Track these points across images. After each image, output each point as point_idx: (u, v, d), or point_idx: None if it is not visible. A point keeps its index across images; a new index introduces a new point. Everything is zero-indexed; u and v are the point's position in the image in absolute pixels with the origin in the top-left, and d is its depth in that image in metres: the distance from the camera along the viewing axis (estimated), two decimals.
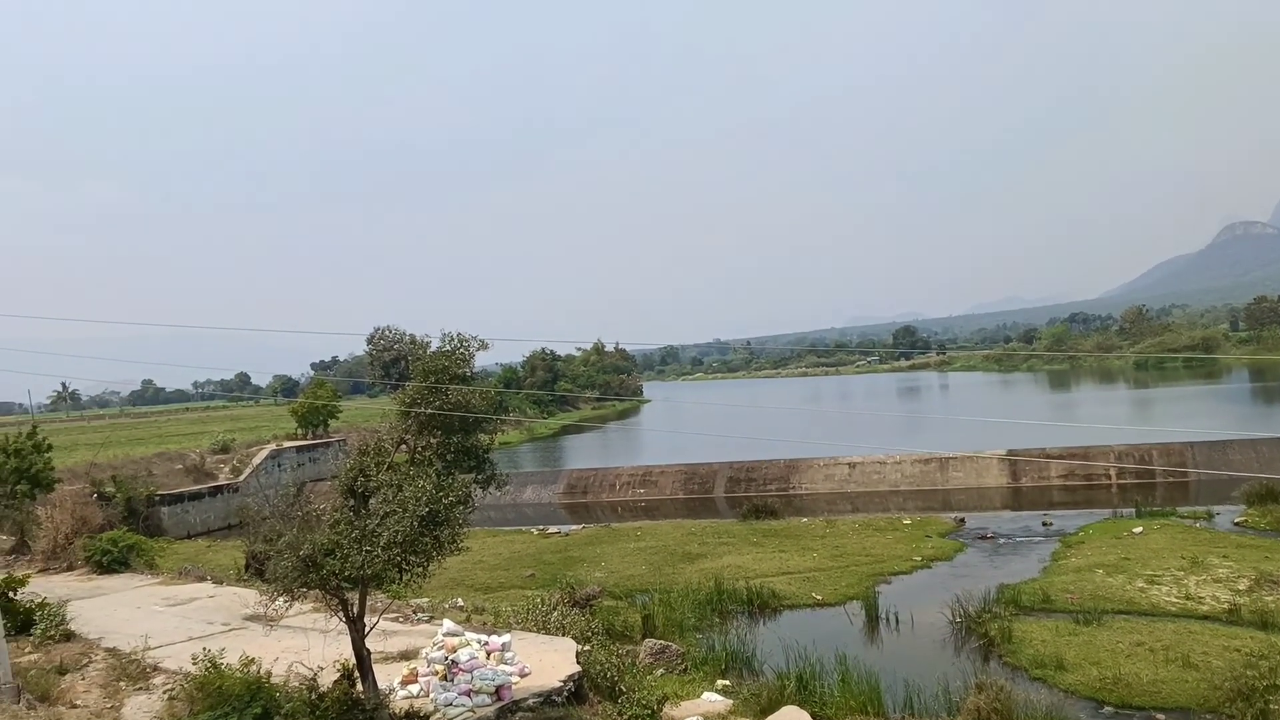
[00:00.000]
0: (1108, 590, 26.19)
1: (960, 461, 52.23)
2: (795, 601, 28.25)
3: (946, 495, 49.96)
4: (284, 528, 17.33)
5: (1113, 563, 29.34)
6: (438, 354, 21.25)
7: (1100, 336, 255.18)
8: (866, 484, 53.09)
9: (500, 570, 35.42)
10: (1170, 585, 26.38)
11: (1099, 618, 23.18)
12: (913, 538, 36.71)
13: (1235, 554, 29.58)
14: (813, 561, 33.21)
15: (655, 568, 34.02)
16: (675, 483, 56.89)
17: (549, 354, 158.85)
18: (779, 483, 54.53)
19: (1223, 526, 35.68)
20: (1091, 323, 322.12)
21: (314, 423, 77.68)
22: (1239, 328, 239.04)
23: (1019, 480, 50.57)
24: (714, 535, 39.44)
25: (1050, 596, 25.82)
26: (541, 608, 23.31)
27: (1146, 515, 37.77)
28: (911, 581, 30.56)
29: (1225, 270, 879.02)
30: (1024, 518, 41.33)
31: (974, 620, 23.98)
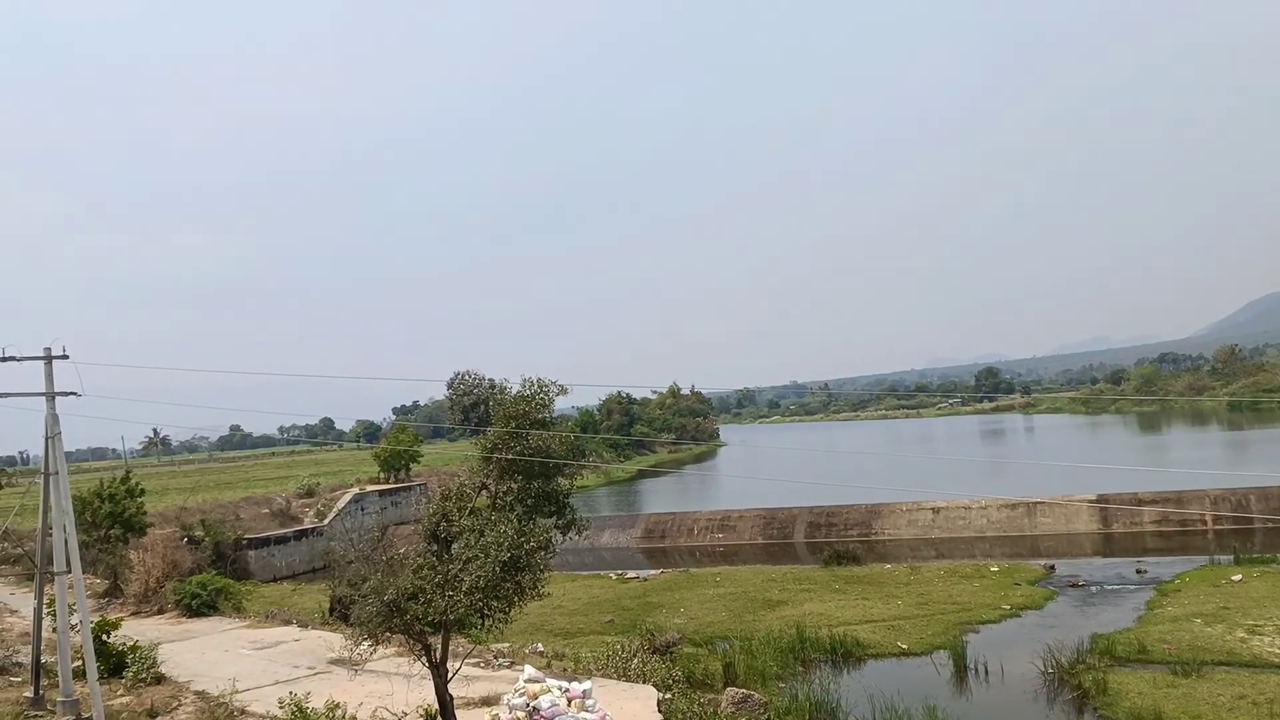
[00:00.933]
0: (1207, 640, 25.21)
1: (1048, 506, 50.92)
2: (880, 650, 27.69)
3: (1035, 541, 48.69)
4: (368, 571, 17.57)
5: (1211, 612, 28.26)
6: (518, 398, 21.51)
7: (1191, 377, 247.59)
8: (951, 530, 52.02)
9: (579, 615, 35.35)
10: (1273, 635, 25.33)
11: (1198, 669, 22.32)
12: (1001, 585, 35.79)
13: None
14: (897, 609, 32.56)
15: (735, 614, 33.65)
16: (754, 527, 56.39)
17: (625, 397, 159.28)
18: (860, 528, 53.72)
19: None
20: (1182, 363, 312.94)
21: (396, 467, 78.74)
22: None
23: (1110, 526, 49.11)
24: (794, 581, 38.92)
25: (1146, 646, 24.93)
26: (621, 654, 23.19)
27: (1246, 562, 36.41)
28: (1000, 631, 29.77)
29: None
30: (1116, 565, 40.08)
31: (1067, 671, 23.24)
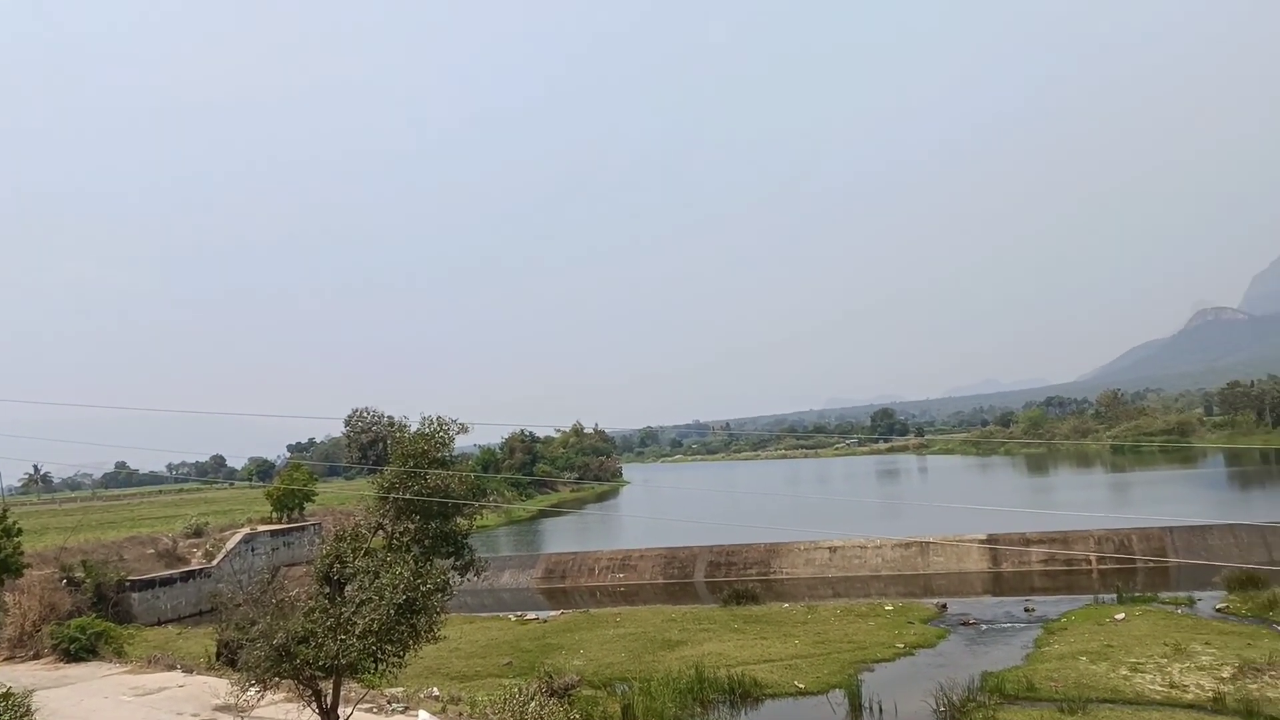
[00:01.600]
0: (1092, 678, 25.94)
1: (941, 546, 52.03)
2: (777, 690, 27.82)
3: (928, 580, 49.65)
4: (257, 614, 17.06)
5: (1096, 649, 29.13)
6: (417, 436, 21.20)
7: (1077, 420, 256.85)
8: (848, 568, 52.73)
9: (477, 658, 34.80)
10: (1154, 673, 26.16)
11: (1084, 706, 22.94)
12: (895, 624, 36.37)
13: (1218, 640, 29.43)
14: (795, 648, 32.81)
15: (635, 655, 33.51)
16: (655, 567, 56.36)
17: (528, 436, 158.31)
18: (760, 567, 54.09)
19: (1205, 613, 35.55)
20: (1068, 406, 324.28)
21: (289, 506, 76.79)
22: (1213, 412, 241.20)
23: (1000, 565, 50.37)
24: (694, 621, 38.95)
25: (1034, 685, 25.55)
26: (519, 697, 22.86)
27: (1128, 601, 37.63)
28: (895, 669, 30.19)
29: (1198, 355, 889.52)
30: (1006, 603, 41.06)
31: (958, 709, 23.65)
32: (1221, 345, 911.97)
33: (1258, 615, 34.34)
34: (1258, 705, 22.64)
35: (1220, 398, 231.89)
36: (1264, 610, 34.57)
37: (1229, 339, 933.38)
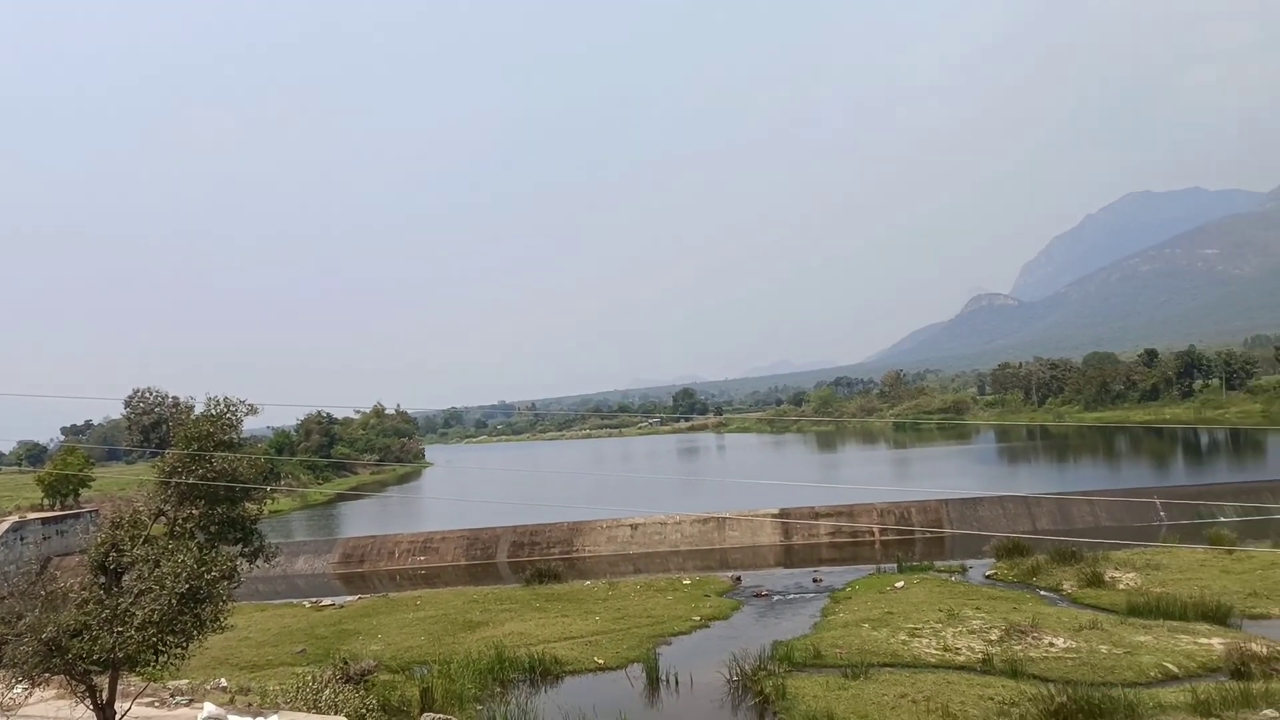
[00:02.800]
0: (874, 644, 27.41)
1: (736, 521, 53.74)
2: (578, 667, 28.15)
3: (724, 554, 51.19)
4: (24, 608, 16.01)
5: (878, 617, 30.77)
6: (202, 419, 20.29)
7: (863, 399, 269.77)
8: (648, 545, 53.76)
9: (268, 647, 33.65)
10: (930, 637, 27.85)
11: (866, 671, 24.21)
12: (692, 597, 37.38)
13: (987, 605, 31.60)
14: (595, 625, 33.25)
15: (435, 638, 33.18)
16: (457, 549, 55.87)
17: (325, 417, 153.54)
18: (563, 546, 54.47)
19: (975, 580, 38.12)
20: (855, 386, 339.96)
21: (63, 492, 72.08)
22: (985, 392, 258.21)
23: (791, 538, 52.46)
24: (496, 602, 38.90)
25: (821, 652, 26.78)
26: (312, 685, 22.26)
27: (907, 570, 39.90)
28: (691, 641, 31.06)
29: (973, 338, 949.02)
30: (796, 575, 42.84)
31: (750, 678, 24.56)
32: (994, 329, 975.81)
33: (1022, 581, 37.12)
34: (1021, 665, 24.49)
35: (992, 378, 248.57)
36: (1028, 576, 37.40)
37: (1001, 323, 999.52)
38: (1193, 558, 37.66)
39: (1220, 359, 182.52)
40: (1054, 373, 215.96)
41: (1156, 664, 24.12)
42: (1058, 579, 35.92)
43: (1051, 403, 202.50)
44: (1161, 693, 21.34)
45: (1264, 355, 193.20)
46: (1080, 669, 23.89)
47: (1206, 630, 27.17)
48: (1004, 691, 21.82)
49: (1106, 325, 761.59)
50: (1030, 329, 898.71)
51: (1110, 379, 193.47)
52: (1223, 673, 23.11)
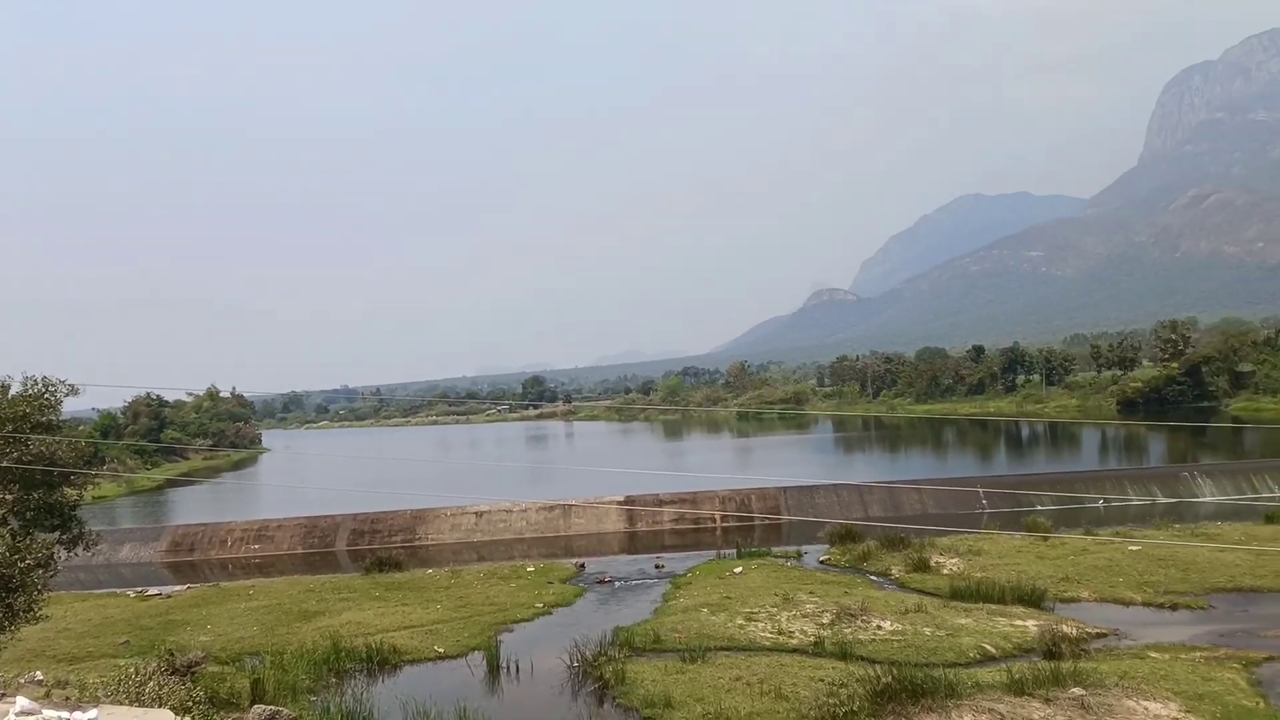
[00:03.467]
0: (712, 628, 27.99)
1: (582, 508, 54.00)
2: (417, 656, 27.81)
3: (569, 541, 51.38)
4: None
5: (716, 601, 31.43)
6: (18, 399, 19.20)
7: (709, 389, 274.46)
8: (493, 533, 53.47)
9: (89, 638, 32.05)
10: (766, 621, 28.62)
11: (703, 655, 24.71)
12: (536, 585, 37.40)
13: (820, 589, 32.67)
14: (437, 614, 32.91)
15: (268, 628, 32.23)
16: (294, 537, 54.33)
17: (155, 399, 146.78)
18: (405, 534, 53.62)
19: (810, 565, 39.35)
20: (702, 376, 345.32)
21: None
22: (825, 383, 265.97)
23: (635, 525, 53.05)
24: (334, 591, 38.03)
25: (661, 637, 27.20)
26: (135, 678, 21.30)
27: (746, 556, 40.85)
28: (533, 629, 31.08)
29: (814, 331, 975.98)
30: (639, 561, 43.33)
31: (590, 664, 24.76)
32: (834, 323, 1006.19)
33: (854, 566, 38.51)
34: (850, 646, 25.44)
35: (831, 370, 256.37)
36: (859, 561, 38.83)
37: (841, 317, 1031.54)
38: (1011, 544, 39.78)
39: (1041, 356, 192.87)
40: (888, 366, 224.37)
41: (976, 645, 25.41)
42: (887, 564, 37.40)
43: (885, 395, 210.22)
44: (980, 672, 22.49)
45: (1081, 353, 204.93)
46: (905, 650, 24.98)
47: (1022, 613, 28.77)
48: (834, 672, 22.61)
49: (938, 321, 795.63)
50: (868, 324, 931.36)
51: (940, 373, 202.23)
52: (1036, 653, 24.52)
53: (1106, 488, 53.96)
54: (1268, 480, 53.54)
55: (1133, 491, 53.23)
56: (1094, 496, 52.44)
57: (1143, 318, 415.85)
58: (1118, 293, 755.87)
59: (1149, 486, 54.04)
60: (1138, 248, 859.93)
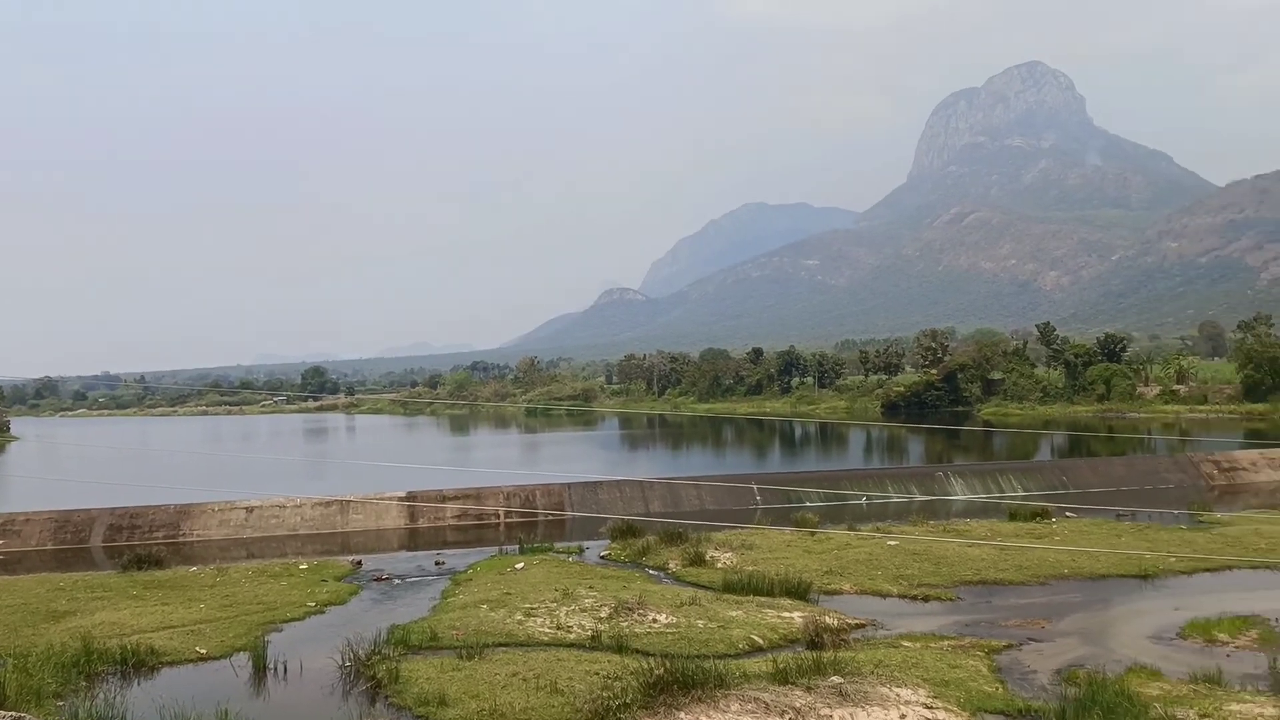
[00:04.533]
0: (490, 624, 27.92)
1: (361, 504, 52.66)
2: (177, 657, 26.40)
3: (346, 538, 50.00)
4: None
5: (496, 598, 31.36)
6: None
7: (498, 384, 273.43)
8: (265, 529, 51.34)
9: None
10: (545, 616, 28.78)
11: (480, 652, 24.58)
12: (309, 582, 36.22)
13: (600, 584, 33.13)
14: (200, 613, 31.36)
15: (12, 629, 29.83)
16: (43, 532, 50.43)
17: None
18: (168, 529, 50.75)
19: (591, 560, 39.84)
20: (491, 371, 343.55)
21: None
22: (613, 381, 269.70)
23: (416, 521, 52.19)
24: (87, 590, 35.58)
25: (438, 634, 26.89)
26: None
27: (528, 551, 40.93)
28: (304, 628, 30.10)
29: (604, 329, 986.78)
30: (419, 557, 42.67)
31: (363, 663, 24.21)
32: (623, 322, 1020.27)
33: (634, 560, 39.24)
34: (627, 640, 25.93)
35: (619, 368, 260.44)
36: (639, 556, 39.59)
37: (630, 316, 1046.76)
38: (781, 539, 41.56)
39: (815, 359, 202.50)
40: (674, 365, 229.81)
41: (745, 636, 26.43)
42: (665, 558, 38.33)
43: (670, 393, 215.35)
44: (747, 663, 23.41)
45: (851, 358, 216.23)
46: (679, 642, 25.70)
47: (789, 605, 30.09)
48: (609, 666, 23.03)
49: (721, 324, 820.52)
50: (655, 323, 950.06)
51: (722, 373, 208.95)
52: (801, 643, 25.68)
53: (869, 485, 57.19)
54: (1011, 480, 58.14)
55: (893, 489, 56.65)
56: (858, 494, 55.54)
57: (907, 326, 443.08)
58: (886, 302, 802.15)
59: (907, 485, 57.64)
60: (905, 260, 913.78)
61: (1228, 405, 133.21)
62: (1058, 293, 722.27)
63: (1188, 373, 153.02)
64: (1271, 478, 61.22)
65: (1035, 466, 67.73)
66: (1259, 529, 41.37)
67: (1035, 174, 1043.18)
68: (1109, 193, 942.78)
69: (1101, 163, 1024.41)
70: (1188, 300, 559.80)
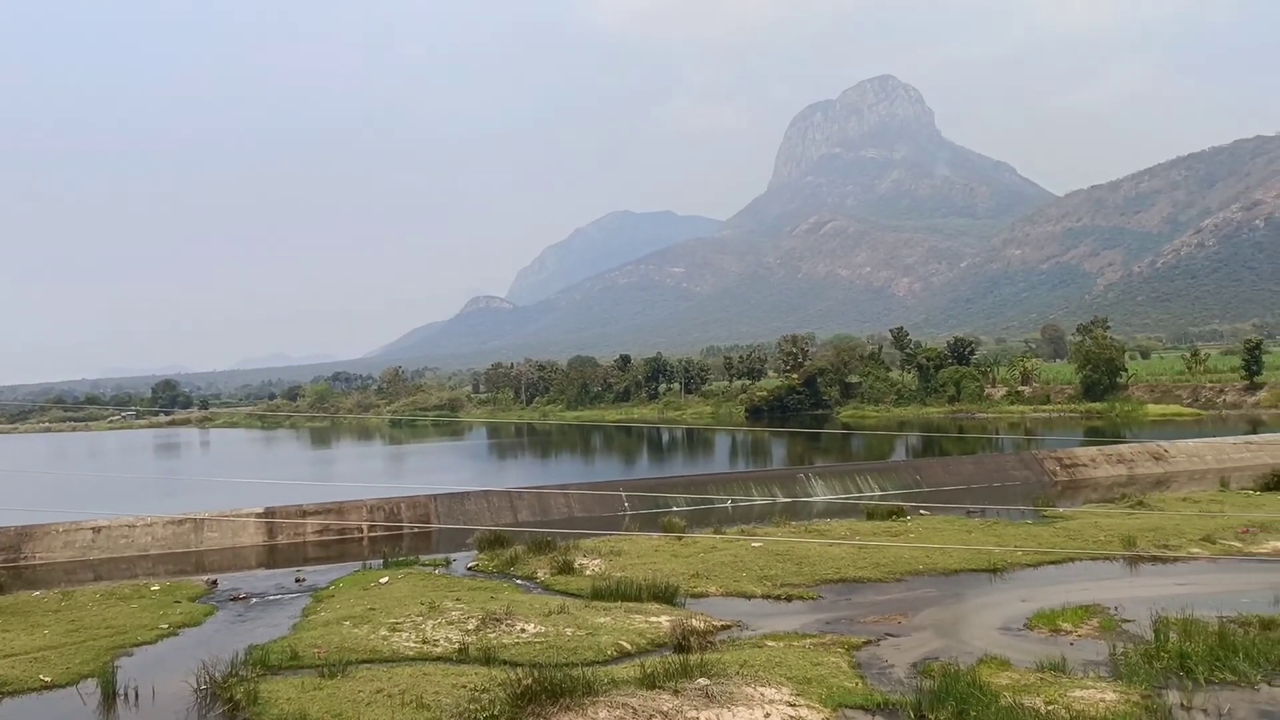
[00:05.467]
0: (354, 641, 27.31)
1: (216, 521, 50.86)
2: (19, 686, 25.02)
3: (201, 557, 48.25)
4: None
5: (360, 613, 30.69)
6: None
7: (361, 395, 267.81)
8: (114, 549, 49.11)
9: None
10: (410, 631, 28.29)
11: (344, 669, 24.04)
12: (161, 604, 34.80)
13: (467, 596, 32.77)
14: (44, 639, 29.79)
15: None
16: None
17: None
18: (8, 553, 48.03)
19: (458, 572, 39.36)
20: (354, 381, 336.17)
21: None
22: (480, 390, 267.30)
23: (275, 538, 50.71)
24: None
25: (299, 653, 26.17)
26: None
27: (393, 565, 40.18)
28: (157, 651, 28.90)
29: (470, 338, 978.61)
30: (278, 575, 41.45)
31: (220, 685, 23.39)
32: (490, 330, 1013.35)
33: (501, 571, 38.94)
34: (495, 651, 25.71)
35: (486, 377, 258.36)
36: (507, 566, 39.31)
37: (497, 325, 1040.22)
38: (649, 544, 41.89)
39: (681, 366, 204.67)
40: (541, 374, 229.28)
41: (613, 643, 26.54)
42: (534, 567, 38.18)
43: (538, 401, 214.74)
44: (616, 669, 23.52)
45: (715, 363, 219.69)
46: (548, 651, 25.65)
47: (656, 609, 30.34)
48: (477, 679, 22.80)
49: (589, 331, 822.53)
50: (523, 331, 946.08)
51: (590, 381, 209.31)
52: (668, 647, 25.91)
53: (734, 489, 58.21)
54: (869, 480, 59.97)
55: (757, 492, 57.79)
56: (723, 497, 56.42)
57: (770, 332, 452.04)
58: (749, 309, 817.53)
59: (770, 487, 58.88)
60: (766, 268, 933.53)
61: (1068, 404, 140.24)
62: (910, 299, 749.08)
63: (1031, 374, 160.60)
64: (1109, 473, 64.77)
65: (891, 466, 69.99)
66: (1098, 522, 43.61)
67: (888, 184, 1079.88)
68: (957, 202, 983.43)
69: (950, 173, 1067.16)
70: (1031, 305, 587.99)
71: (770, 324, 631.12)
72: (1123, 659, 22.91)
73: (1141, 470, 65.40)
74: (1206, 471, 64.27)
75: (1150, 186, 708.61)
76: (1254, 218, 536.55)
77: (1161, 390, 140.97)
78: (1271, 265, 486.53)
